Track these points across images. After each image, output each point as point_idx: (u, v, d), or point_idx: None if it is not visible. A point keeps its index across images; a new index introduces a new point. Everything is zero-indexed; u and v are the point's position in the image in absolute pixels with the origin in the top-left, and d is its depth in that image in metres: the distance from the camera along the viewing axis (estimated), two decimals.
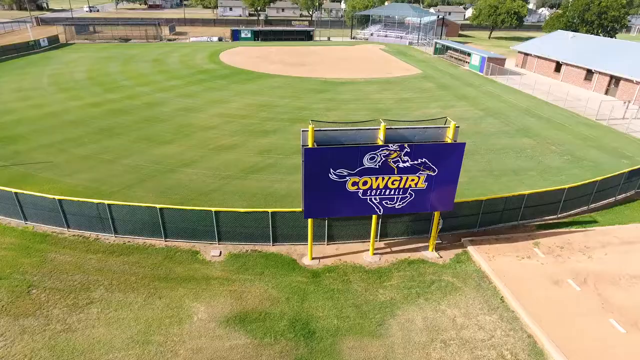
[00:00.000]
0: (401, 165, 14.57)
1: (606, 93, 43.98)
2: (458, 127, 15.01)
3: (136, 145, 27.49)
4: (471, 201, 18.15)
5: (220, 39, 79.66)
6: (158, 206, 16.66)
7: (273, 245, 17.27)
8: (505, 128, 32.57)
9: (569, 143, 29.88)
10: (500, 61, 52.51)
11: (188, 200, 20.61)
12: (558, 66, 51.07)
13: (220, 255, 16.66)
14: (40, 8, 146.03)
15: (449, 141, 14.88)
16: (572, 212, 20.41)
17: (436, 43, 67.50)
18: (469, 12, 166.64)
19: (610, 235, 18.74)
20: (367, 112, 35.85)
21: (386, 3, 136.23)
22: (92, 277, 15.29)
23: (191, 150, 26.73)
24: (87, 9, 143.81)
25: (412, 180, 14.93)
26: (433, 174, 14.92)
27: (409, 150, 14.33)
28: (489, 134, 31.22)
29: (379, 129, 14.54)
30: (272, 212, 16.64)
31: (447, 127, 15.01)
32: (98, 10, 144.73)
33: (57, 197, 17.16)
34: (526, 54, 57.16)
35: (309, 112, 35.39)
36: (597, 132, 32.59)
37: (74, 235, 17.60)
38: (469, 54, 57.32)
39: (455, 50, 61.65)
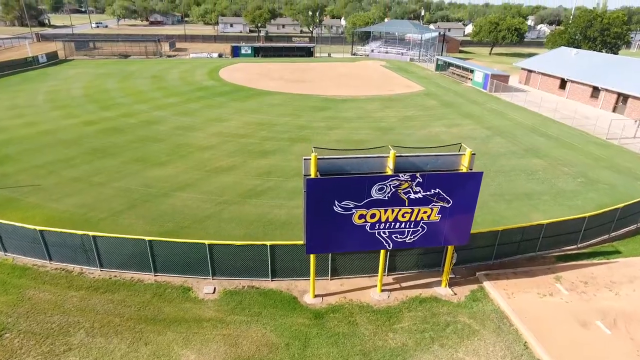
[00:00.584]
0: (413, 196, 13.29)
1: (614, 111, 43.00)
2: (474, 154, 13.77)
3: (129, 166, 26.26)
4: (486, 232, 16.81)
5: (220, 55, 79.27)
6: (147, 238, 15.33)
7: (272, 280, 15.88)
8: (514, 148, 31.40)
9: (580, 164, 28.67)
10: (504, 78, 51.72)
11: (181, 228, 19.28)
12: (563, 83, 50.24)
13: (214, 292, 15.25)
14: (42, 24, 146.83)
15: (465, 170, 13.63)
16: (593, 241, 19.06)
17: (438, 59, 66.96)
18: (469, 29, 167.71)
19: (636, 267, 17.35)
20: (369, 130, 34.75)
21: (386, 20, 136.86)
22: (73, 318, 13.87)
23: (187, 173, 25.49)
24: (95, 25, 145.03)
25: (425, 212, 13.64)
26: (447, 206, 13.63)
27: (421, 180, 13.07)
28: (497, 154, 30.03)
29: (388, 156, 13.30)
30: (270, 245, 15.30)
31: (462, 154, 13.78)
32: (106, 26, 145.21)
33: (38, 227, 15.84)
34: (529, 71, 56.44)
35: (310, 131, 34.30)
36: (609, 151, 31.42)
37: (56, 269, 16.22)
38: (471, 71, 56.61)
39: (458, 66, 60.99)
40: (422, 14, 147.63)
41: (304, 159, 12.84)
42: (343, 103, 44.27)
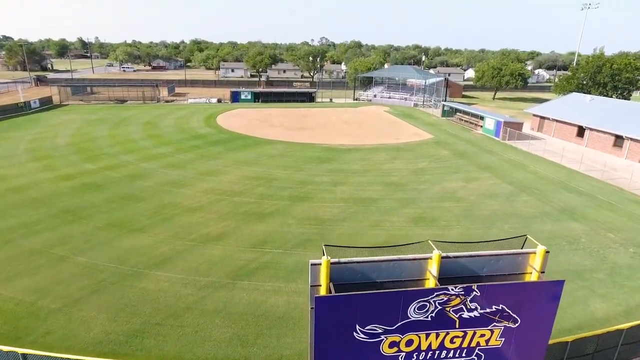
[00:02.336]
0: (466, 315, 9.30)
1: None
2: (548, 252, 9.89)
3: (101, 233, 22.34)
4: (552, 344, 12.63)
5: (219, 101, 77.35)
6: None
7: None
8: (546, 208, 27.59)
9: (627, 229, 24.76)
10: (518, 125, 48.85)
11: (151, 326, 15.07)
12: (581, 131, 47.29)
13: None
14: (44, 69, 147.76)
15: (536, 275, 9.71)
16: None
17: (444, 105, 64.66)
18: (468, 73, 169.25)
19: None
20: (379, 186, 31.10)
21: (386, 65, 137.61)
22: None
23: (167, 242, 21.52)
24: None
25: (482, 335, 9.59)
26: (514, 326, 9.60)
27: (478, 294, 9.13)
28: (528, 216, 26.18)
29: (430, 258, 9.44)
30: None
31: (530, 252, 9.92)
32: (111, 64, 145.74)
33: None
34: (542, 117, 53.75)
35: (312, 187, 30.64)
36: None
37: None
38: (481, 117, 53.92)
39: (466, 113, 58.46)
40: (423, 59, 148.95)
41: (311, 264, 9.02)
42: (347, 153, 40.97)
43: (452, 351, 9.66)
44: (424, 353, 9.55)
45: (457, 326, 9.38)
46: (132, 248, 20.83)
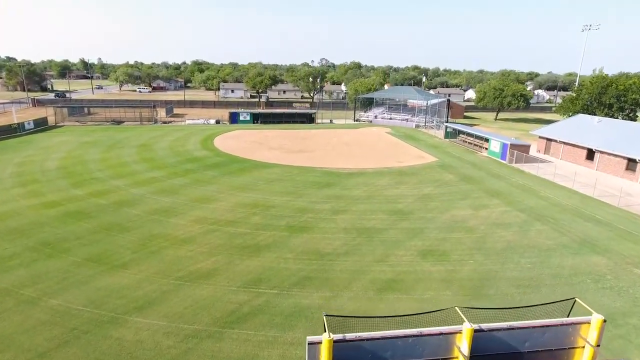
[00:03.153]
0: None
1: None
2: (605, 321, 7.93)
3: (80, 270, 20.31)
4: None
5: (217, 122, 76.11)
6: None
7: None
8: (563, 239, 25.60)
9: None
10: (525, 148, 47.26)
11: None
12: (590, 154, 45.64)
13: None
14: (44, 90, 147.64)
15: (591, 351, 7.73)
16: None
17: (447, 127, 63.26)
18: (468, 94, 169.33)
19: None
20: (383, 214, 29.18)
21: (386, 86, 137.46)
22: None
23: (151, 280, 19.47)
24: (97, 87, 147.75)
25: None
26: None
27: None
28: (545, 248, 24.17)
29: (460, 332, 7.47)
30: None
31: (582, 321, 7.95)
32: (100, 87, 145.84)
33: None
34: (549, 139, 52.22)
35: (312, 215, 28.71)
36: None
37: None
38: (486, 139, 52.37)
39: (470, 135, 56.95)
40: (424, 80, 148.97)
41: (309, 343, 7.05)
42: (349, 178, 39.17)
43: None
44: None
45: None
46: (112, 287, 18.77)
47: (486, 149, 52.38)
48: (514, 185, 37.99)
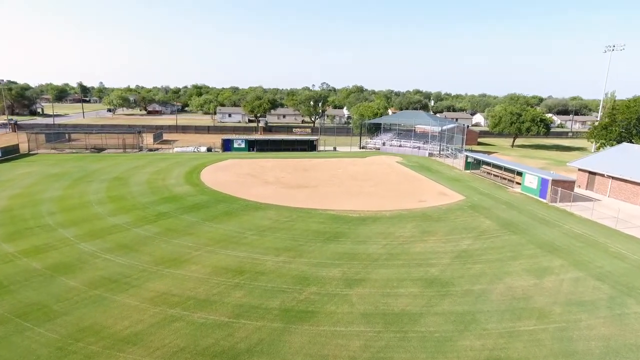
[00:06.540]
0: None
1: None
2: None
3: None
4: None
5: (209, 149, 68.79)
6: None
7: None
8: None
9: None
10: (569, 184, 39.51)
11: None
12: None
13: None
14: (33, 113, 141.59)
15: None
16: None
17: (467, 156, 55.75)
18: (476, 118, 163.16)
19: None
20: (415, 287, 21.18)
21: (389, 111, 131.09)
22: None
23: None
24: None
25: None
26: None
27: None
28: None
29: None
30: None
31: None
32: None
33: None
34: (592, 173, 44.60)
35: (315, 288, 20.73)
36: None
37: None
38: (519, 173, 44.77)
39: (497, 166, 49.36)
40: (431, 104, 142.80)
41: None
42: (362, 225, 31.26)
43: None
44: None
45: None
46: None
47: (518, 183, 44.71)
48: (570, 235, 30.08)
